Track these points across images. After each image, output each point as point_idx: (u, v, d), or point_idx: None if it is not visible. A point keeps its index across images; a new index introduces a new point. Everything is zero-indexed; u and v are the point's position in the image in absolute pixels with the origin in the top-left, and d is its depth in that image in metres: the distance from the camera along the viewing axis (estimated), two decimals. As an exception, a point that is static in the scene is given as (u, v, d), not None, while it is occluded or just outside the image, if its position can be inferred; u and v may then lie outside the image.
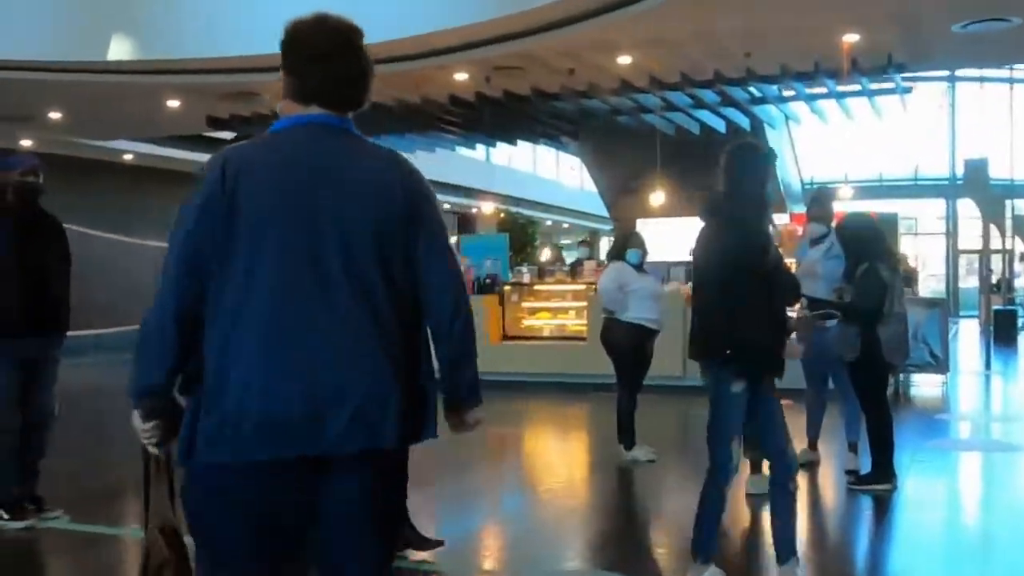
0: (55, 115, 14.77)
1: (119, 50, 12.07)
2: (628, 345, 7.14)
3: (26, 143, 16.92)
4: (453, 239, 22.57)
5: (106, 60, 12.08)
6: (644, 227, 14.02)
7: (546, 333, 12.49)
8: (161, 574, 2.49)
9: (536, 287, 12.82)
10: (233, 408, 2.11)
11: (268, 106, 13.91)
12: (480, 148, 24.71)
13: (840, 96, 14.13)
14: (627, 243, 7.42)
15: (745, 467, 5.73)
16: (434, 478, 6.27)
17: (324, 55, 2.27)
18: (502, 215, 27.03)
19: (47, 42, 11.93)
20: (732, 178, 4.09)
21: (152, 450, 2.30)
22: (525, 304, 12.69)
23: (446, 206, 30.21)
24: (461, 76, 12.61)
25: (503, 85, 13.06)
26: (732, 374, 4.00)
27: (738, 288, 3.94)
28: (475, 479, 7.14)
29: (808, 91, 13.85)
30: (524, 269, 13.60)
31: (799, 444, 6.81)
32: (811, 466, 6.75)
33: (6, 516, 5.25)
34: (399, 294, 2.23)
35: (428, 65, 11.90)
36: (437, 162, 19.39)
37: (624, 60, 11.98)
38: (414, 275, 2.26)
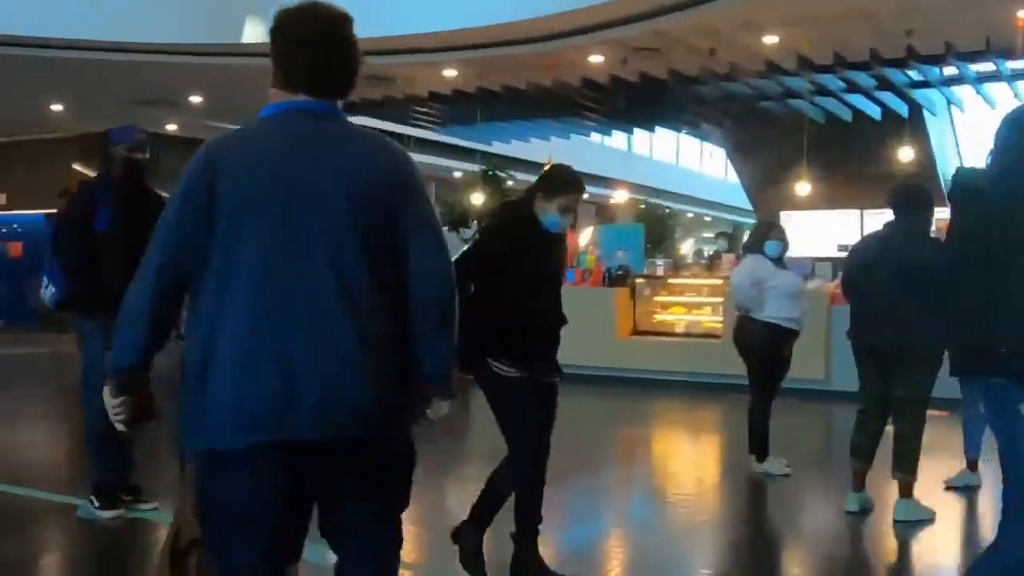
0: (195, 99, 15.01)
1: (252, 33, 12.09)
2: (763, 347, 6.49)
3: (171, 127, 17.34)
4: (589, 229, 22.16)
5: (240, 43, 12.14)
6: (789, 220, 13.16)
7: (678, 329, 11.87)
8: (189, 551, 2.55)
9: (670, 280, 12.20)
10: (212, 395, 2.15)
11: (401, 90, 13.76)
12: (621, 138, 24.09)
13: (1013, 78, 12.91)
14: (766, 234, 6.75)
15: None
16: (562, 477, 5.96)
17: (308, 41, 2.26)
18: (641, 206, 26.33)
19: (185, 26, 12.08)
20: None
21: (119, 427, 2.31)
22: (657, 298, 12.10)
23: (584, 196, 29.67)
24: (596, 58, 12.09)
25: (640, 68, 12.48)
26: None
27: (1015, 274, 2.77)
28: (602, 481, 6.75)
29: (976, 72, 12.71)
30: (658, 261, 12.98)
31: (955, 464, 6.11)
32: (971, 490, 5.98)
33: (97, 504, 5.06)
34: (381, 281, 2.21)
35: (562, 47, 11.45)
36: (573, 149, 18.94)
37: (770, 39, 11.22)
38: (400, 262, 2.24)
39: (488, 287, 3.93)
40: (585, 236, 26.09)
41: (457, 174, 21.48)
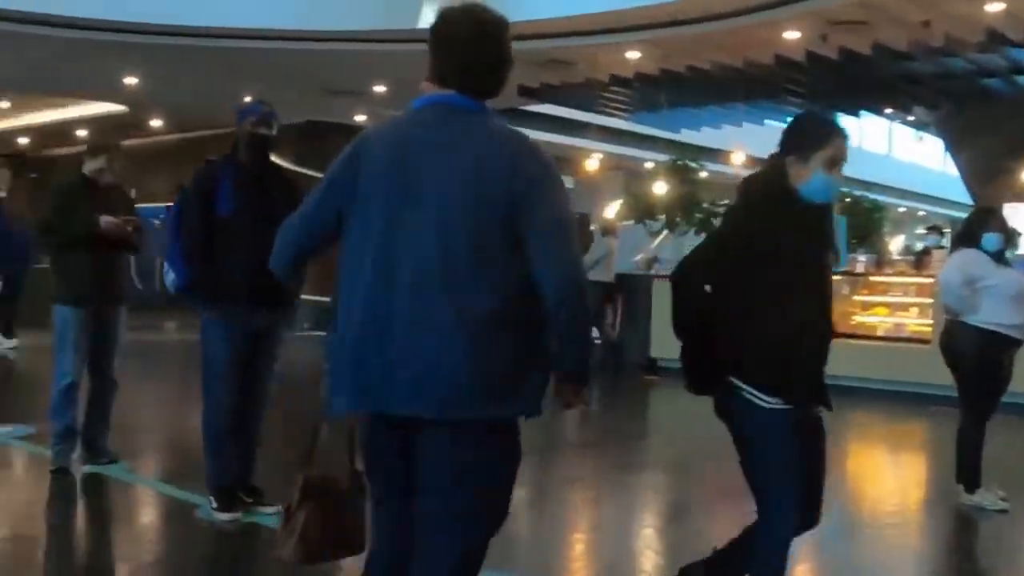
0: (379, 88, 14.95)
1: (429, 18, 11.83)
2: (976, 357, 5.47)
3: (360, 118, 17.45)
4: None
5: (417, 28, 11.89)
6: (1015, 213, 11.68)
7: (881, 332, 10.74)
8: (300, 507, 2.65)
9: (872, 278, 11.07)
10: (336, 364, 2.38)
11: (581, 74, 13.17)
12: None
13: None
14: (983, 224, 5.69)
15: None
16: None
17: (461, 43, 2.39)
18: (846, 199, 24.64)
19: (364, 12, 11.95)
20: None
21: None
22: (858, 297, 11.02)
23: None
24: (792, 34, 11.08)
25: (842, 43, 11.34)
26: None
27: None
28: None
29: None
30: (860, 258, 11.81)
31: None
32: None
33: (215, 505, 4.75)
34: (495, 271, 2.27)
35: (753, 22, 10.54)
36: (769, 138, 17.76)
37: (994, 7, 9.90)
38: (522, 255, 2.29)
39: (738, 287, 3.05)
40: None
41: (649, 164, 20.76)
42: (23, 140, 22.17)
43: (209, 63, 13.72)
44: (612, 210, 18.58)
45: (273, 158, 4.95)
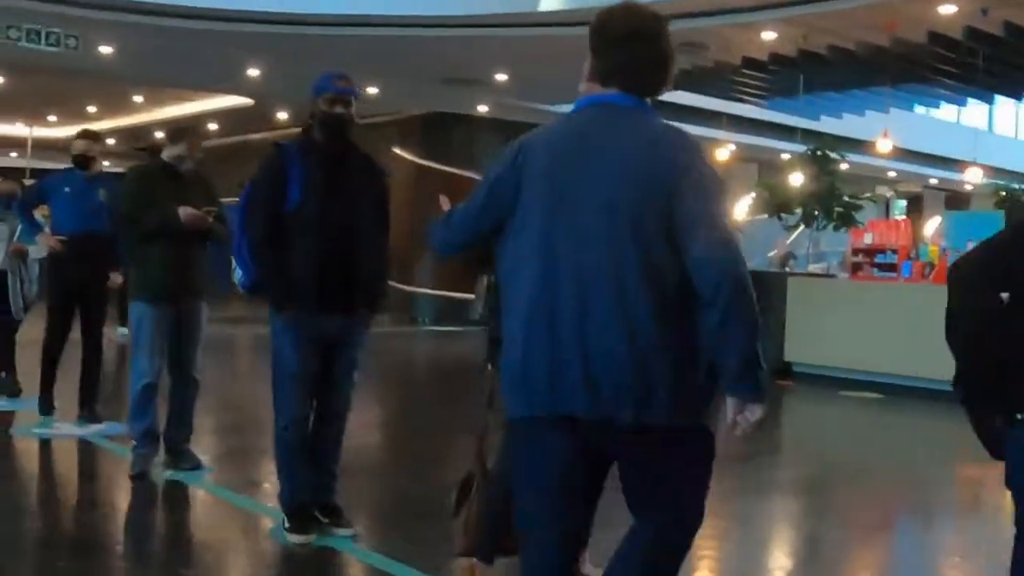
0: (501, 77, 14.49)
1: (549, 1, 11.26)
2: None
3: (482, 108, 17.03)
4: (936, 218, 19.42)
5: (536, 12, 11.35)
6: None
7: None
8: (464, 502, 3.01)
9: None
10: (507, 367, 2.38)
11: (711, 58, 12.37)
12: (978, 112, 20.99)
13: None
14: None
15: None
16: (887, 519, 5.24)
17: (621, 41, 2.38)
18: (1002, 192, 22.93)
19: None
20: None
21: None
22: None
23: (932, 180, 26.62)
24: (947, 8, 10.05)
25: (1005, 17, 10.22)
26: None
27: None
28: (935, 534, 5.36)
29: None
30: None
31: None
32: None
33: (287, 525, 4.30)
34: (660, 270, 2.24)
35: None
36: (916, 125, 16.51)
37: None
38: (680, 252, 2.24)
39: None
40: (931, 225, 23.22)
41: (785, 155, 19.72)
42: (159, 135, 22.65)
43: (330, 53, 13.50)
44: (744, 204, 17.64)
45: (353, 141, 4.40)
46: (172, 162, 5.29)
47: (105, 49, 13.03)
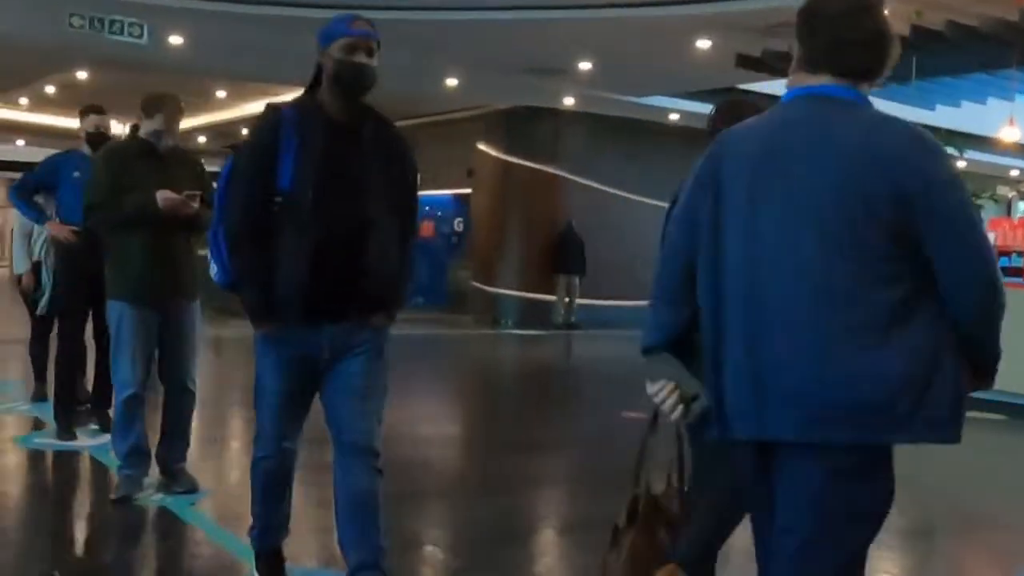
0: (584, 65, 13.58)
1: (634, -22, 10.38)
2: None
3: (568, 101, 16.18)
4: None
5: (616, -10, 10.48)
6: None
7: None
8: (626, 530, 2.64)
9: None
10: (712, 384, 2.21)
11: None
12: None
13: None
14: None
15: None
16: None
17: (833, 19, 2.21)
18: None
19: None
20: None
21: (673, 416, 2.26)
22: None
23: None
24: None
25: None
26: None
27: None
28: None
29: None
30: None
31: None
32: None
33: (255, 570, 3.52)
34: (879, 284, 2.06)
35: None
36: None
37: None
38: (913, 265, 2.08)
39: None
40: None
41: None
42: (244, 131, 22.46)
43: (408, 42, 12.86)
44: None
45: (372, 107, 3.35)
46: (149, 139, 4.58)
47: (175, 39, 12.63)
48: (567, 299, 17.04)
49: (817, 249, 2.07)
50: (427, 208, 19.99)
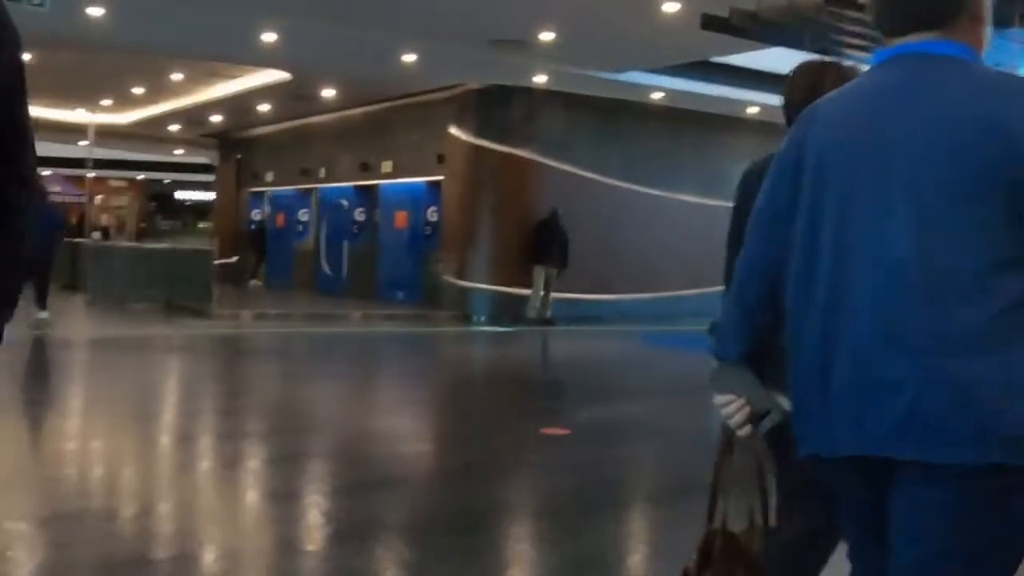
0: (546, 35, 12.34)
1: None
2: None
3: (539, 79, 14.95)
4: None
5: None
6: None
7: None
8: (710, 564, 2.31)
9: None
10: (798, 393, 1.95)
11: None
12: None
13: None
14: None
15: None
16: None
17: None
18: None
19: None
20: None
21: (740, 432, 2.06)
22: None
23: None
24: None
25: None
26: None
27: None
28: None
29: None
30: None
31: None
32: None
33: None
34: (993, 271, 1.76)
35: None
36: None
37: None
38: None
39: None
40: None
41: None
42: (215, 118, 21.33)
43: (357, 16, 11.71)
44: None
45: None
46: None
47: (94, 11, 11.51)
48: (542, 293, 15.80)
49: (922, 240, 1.79)
50: (401, 196, 18.83)
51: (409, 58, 13.76)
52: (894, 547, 1.88)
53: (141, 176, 37.11)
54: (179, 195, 40.33)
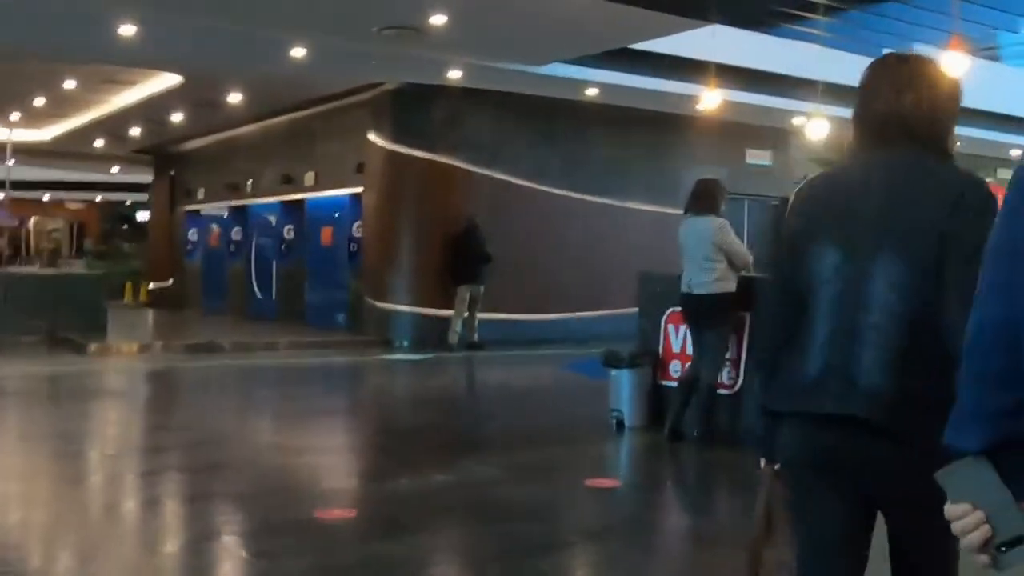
0: (437, 21, 10.67)
1: None
2: None
3: (454, 75, 13.27)
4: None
5: None
6: None
7: None
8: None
9: None
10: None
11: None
12: None
13: None
14: None
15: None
16: None
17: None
18: None
19: None
20: None
21: (979, 559, 1.63)
22: None
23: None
24: None
25: None
26: None
27: None
28: None
29: None
30: None
31: None
32: None
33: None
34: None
35: None
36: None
37: None
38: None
39: None
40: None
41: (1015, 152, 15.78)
42: (135, 131, 19.70)
43: (227, 10, 10.10)
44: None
45: None
46: None
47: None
48: (466, 314, 14.06)
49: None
50: (326, 210, 17.15)
51: (298, 52, 12.09)
52: None
53: (99, 198, 35.67)
54: (141, 216, 38.80)
